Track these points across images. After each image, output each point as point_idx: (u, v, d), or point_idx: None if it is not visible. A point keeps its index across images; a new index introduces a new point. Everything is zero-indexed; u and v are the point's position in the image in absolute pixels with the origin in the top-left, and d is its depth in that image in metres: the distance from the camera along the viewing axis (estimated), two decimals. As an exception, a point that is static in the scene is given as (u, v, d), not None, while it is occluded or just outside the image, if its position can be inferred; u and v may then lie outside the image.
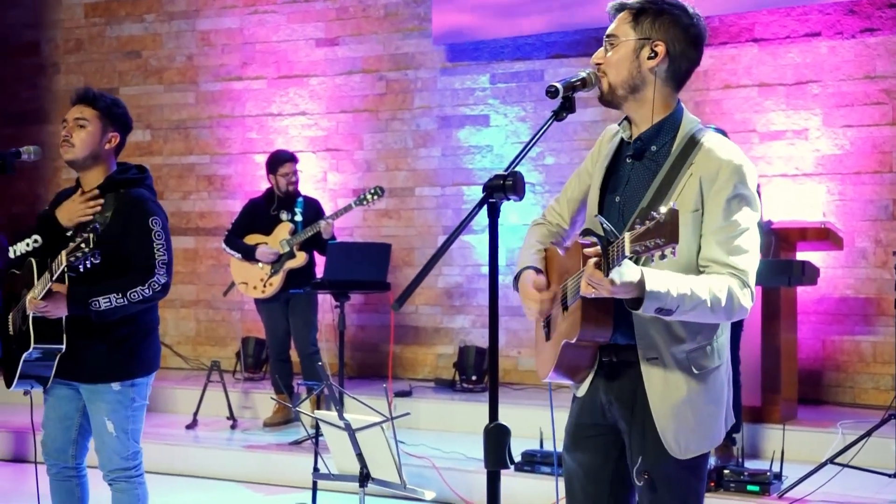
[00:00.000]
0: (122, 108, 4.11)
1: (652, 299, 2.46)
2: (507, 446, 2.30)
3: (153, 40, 9.51)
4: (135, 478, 4.08)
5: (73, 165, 4.01)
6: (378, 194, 6.85)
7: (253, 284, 7.10)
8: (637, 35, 2.71)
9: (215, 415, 7.46)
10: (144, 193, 4.09)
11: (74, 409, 4.08)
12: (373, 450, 3.26)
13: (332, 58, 8.90)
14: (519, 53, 8.31)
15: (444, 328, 8.52)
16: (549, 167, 8.19)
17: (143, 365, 4.05)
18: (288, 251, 7.00)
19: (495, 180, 2.45)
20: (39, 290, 3.76)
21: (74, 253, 3.59)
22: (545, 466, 5.76)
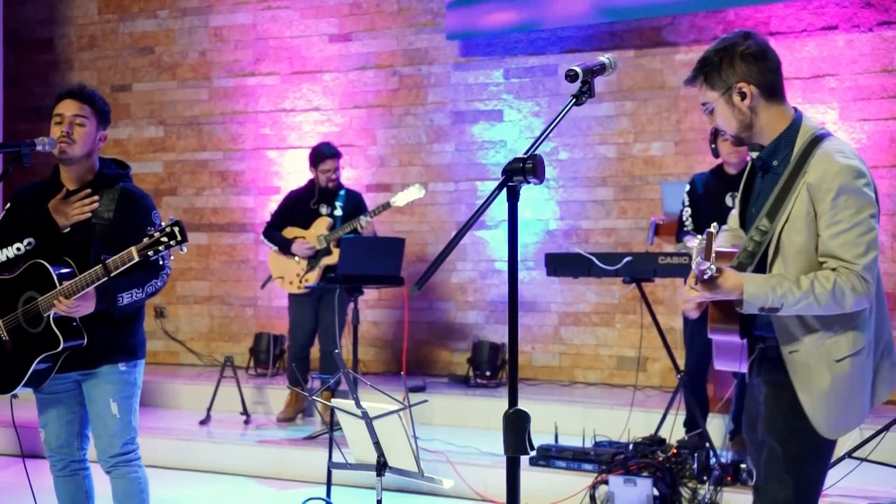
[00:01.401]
0: (108, 106, 4.16)
1: (750, 301, 2.85)
2: (527, 432, 2.27)
3: (166, 36, 9.50)
4: (134, 462, 4.09)
5: (70, 162, 3.99)
6: (417, 193, 6.86)
7: (289, 279, 7.06)
8: (719, 91, 3.01)
9: (228, 410, 7.46)
10: (138, 188, 4.17)
11: (75, 402, 4.10)
12: (390, 438, 3.24)
13: (345, 53, 8.88)
14: (532, 48, 8.27)
15: (457, 324, 8.49)
16: (563, 162, 8.15)
17: (142, 347, 4.14)
18: (325, 247, 6.96)
19: (515, 163, 2.43)
20: (77, 287, 3.73)
21: (154, 247, 3.62)
22: (560, 461, 5.73)
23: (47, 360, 3.84)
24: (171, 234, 3.65)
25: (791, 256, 2.91)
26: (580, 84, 2.70)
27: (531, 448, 2.30)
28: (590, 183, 8.10)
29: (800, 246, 2.88)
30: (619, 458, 5.48)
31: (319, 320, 7.08)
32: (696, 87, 3.08)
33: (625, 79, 7.95)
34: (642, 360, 7.80)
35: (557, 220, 8.17)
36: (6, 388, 3.92)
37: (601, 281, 7.92)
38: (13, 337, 3.92)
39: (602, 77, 2.82)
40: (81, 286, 3.73)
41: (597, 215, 8.06)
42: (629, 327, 7.90)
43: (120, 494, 4.04)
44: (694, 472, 5.35)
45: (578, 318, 8.12)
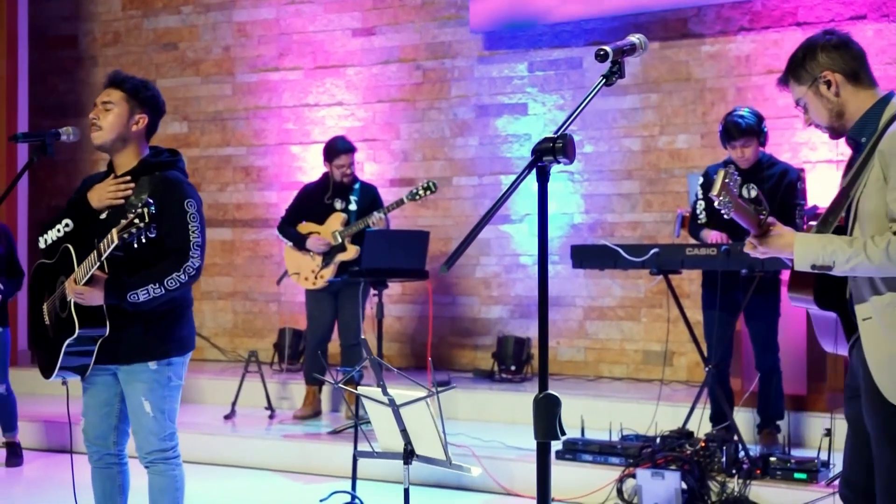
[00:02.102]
0: (152, 90, 4.06)
1: (801, 257, 2.96)
2: (558, 417, 2.23)
3: (190, 32, 9.51)
4: (172, 459, 4.04)
5: (103, 149, 3.97)
6: (431, 189, 6.68)
7: (304, 275, 7.02)
8: (807, 84, 3.13)
9: (253, 405, 7.44)
10: (179, 176, 4.05)
11: (113, 395, 4.05)
12: (417, 426, 3.20)
13: (368, 47, 8.85)
14: (557, 41, 8.22)
15: (481, 319, 8.45)
16: (589, 155, 8.09)
17: (179, 344, 4.03)
18: (339, 243, 6.92)
19: (545, 143, 2.37)
20: (83, 273, 3.71)
21: (128, 229, 3.52)
22: (587, 454, 5.68)
23: (81, 349, 3.82)
24: (141, 215, 3.54)
25: (865, 222, 2.99)
26: (610, 64, 2.64)
27: (562, 433, 2.26)
28: (615, 176, 8.04)
29: (871, 212, 2.97)
30: (646, 452, 5.42)
31: (339, 315, 7.04)
32: (788, 89, 3.23)
33: (650, 71, 7.89)
34: (668, 355, 7.73)
35: (582, 213, 8.12)
36: (47, 373, 3.94)
37: (626, 275, 7.87)
38: (52, 322, 3.95)
39: (632, 58, 2.77)
40: (85, 271, 3.72)
41: (622, 209, 8.00)
42: (655, 321, 7.84)
43: (154, 490, 4.02)
44: (722, 466, 5.29)
45: (604, 312, 8.07)
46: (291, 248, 7.05)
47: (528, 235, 8.25)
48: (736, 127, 5.61)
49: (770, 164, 5.77)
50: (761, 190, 5.67)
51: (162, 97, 4.10)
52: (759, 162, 5.72)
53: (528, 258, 8.28)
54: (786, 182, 5.69)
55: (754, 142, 5.64)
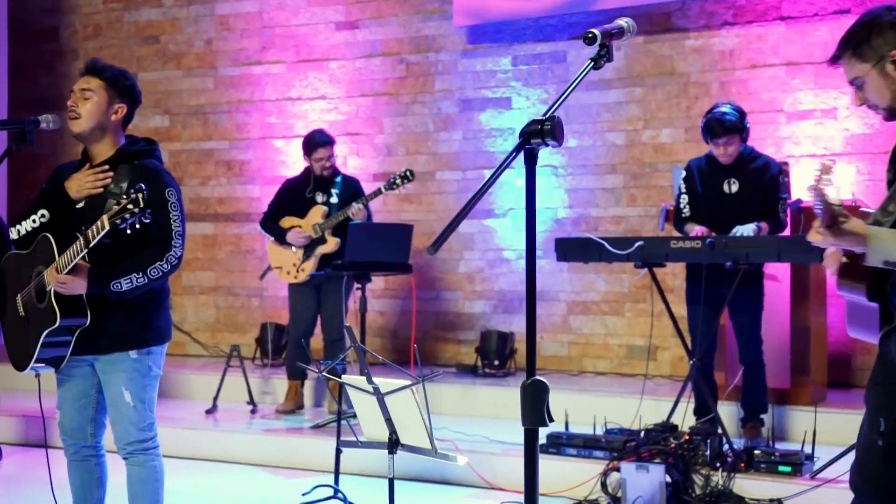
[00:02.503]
0: (130, 79, 4.03)
1: (874, 251, 2.82)
2: (546, 403, 2.20)
3: (171, 25, 9.44)
4: (151, 450, 4.00)
5: (81, 138, 3.94)
6: (408, 178, 6.65)
7: (286, 269, 6.97)
8: (871, 63, 2.96)
9: (234, 400, 7.39)
10: (158, 165, 4.01)
11: (90, 386, 4.00)
12: (402, 415, 3.17)
13: (351, 41, 8.81)
14: (541, 35, 8.20)
15: (465, 313, 8.42)
16: (573, 149, 8.07)
17: (158, 333, 3.99)
18: (319, 236, 6.87)
19: (533, 125, 2.34)
20: (66, 261, 3.65)
21: (121, 215, 3.48)
22: (571, 448, 5.67)
23: (58, 340, 3.76)
24: (135, 200, 3.50)
25: None
26: (598, 47, 2.61)
27: (550, 419, 2.23)
28: (599, 170, 8.03)
29: None
30: (630, 445, 5.41)
31: (322, 309, 7.00)
32: (839, 65, 3.06)
33: (634, 65, 7.87)
34: (652, 349, 7.72)
35: (566, 208, 8.10)
36: (22, 365, 3.86)
37: (611, 269, 7.86)
38: (28, 312, 3.87)
39: (621, 41, 2.75)
40: (69, 260, 3.66)
41: (606, 203, 7.98)
42: (638, 316, 7.83)
43: (134, 482, 3.97)
44: (706, 459, 5.28)
45: (587, 307, 8.05)
46: (273, 242, 7.01)
47: (512, 230, 8.23)
48: (719, 124, 5.61)
49: (752, 157, 5.76)
50: (744, 184, 5.68)
51: (139, 87, 4.07)
52: (742, 156, 5.72)
53: (512, 252, 8.25)
54: (768, 176, 5.69)
55: (737, 139, 5.64)
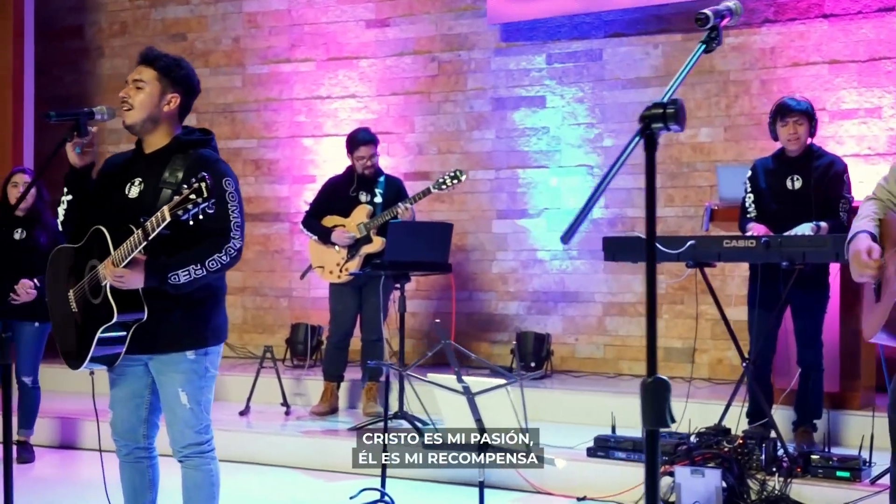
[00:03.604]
0: (186, 68, 3.89)
1: None
2: (668, 402, 2.08)
3: (199, 23, 9.35)
4: (207, 453, 3.87)
5: (133, 129, 3.78)
6: (458, 178, 6.54)
7: (329, 269, 6.85)
8: None
9: (267, 402, 7.28)
10: (214, 154, 3.88)
11: (143, 386, 3.88)
12: (494, 415, 3.05)
13: (382, 39, 8.70)
14: (576, 33, 8.09)
15: (498, 314, 8.31)
16: (609, 149, 7.96)
17: (216, 333, 3.86)
18: (365, 235, 6.75)
19: (654, 108, 2.20)
20: (123, 254, 3.51)
21: (183, 205, 3.34)
22: (619, 452, 5.55)
23: (113, 336, 3.63)
24: (199, 190, 3.36)
25: None
26: (709, 30, 2.49)
27: (672, 420, 2.11)
28: (636, 170, 7.84)
29: None
30: (682, 449, 5.29)
31: (363, 309, 6.89)
32: None
33: (672, 63, 7.75)
34: (689, 352, 7.60)
35: (602, 208, 7.98)
36: (76, 363, 3.71)
37: (647, 270, 7.72)
38: (81, 308, 3.73)
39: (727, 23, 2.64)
40: (126, 252, 3.51)
41: (643, 203, 7.82)
42: (676, 318, 7.71)
43: (190, 486, 3.84)
44: (761, 464, 5.15)
45: (624, 308, 7.93)
46: (316, 241, 6.89)
47: (546, 230, 8.11)
48: (792, 101, 5.56)
49: (818, 154, 5.67)
50: (807, 181, 5.56)
51: (196, 76, 3.94)
52: (808, 151, 5.62)
53: (546, 253, 8.13)
54: (832, 173, 5.58)
55: (806, 123, 5.55)
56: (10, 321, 6.19)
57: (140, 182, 3.76)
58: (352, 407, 7.32)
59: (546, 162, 8.14)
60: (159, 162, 3.77)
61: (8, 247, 6.20)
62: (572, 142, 8.07)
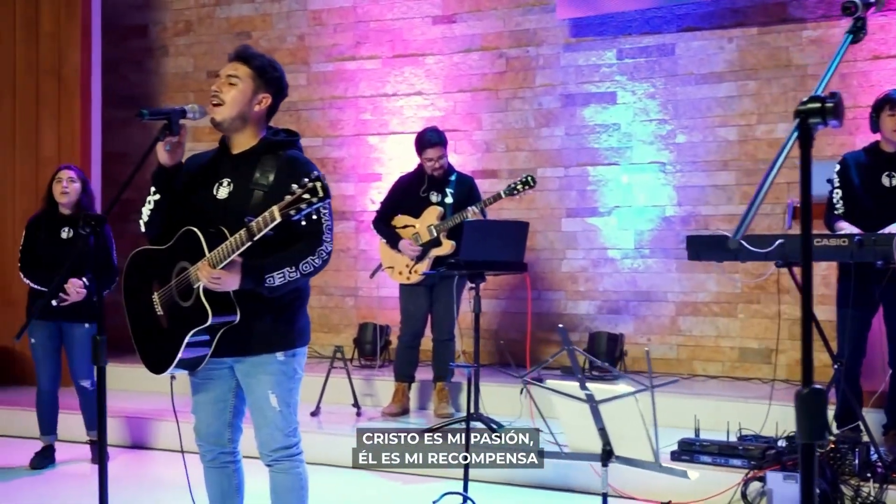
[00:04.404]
0: (279, 71, 3.81)
1: None
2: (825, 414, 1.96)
3: (263, 21, 9.30)
4: (296, 456, 3.80)
5: (221, 126, 3.70)
6: (530, 184, 6.44)
7: (398, 270, 6.77)
8: None
9: (336, 402, 7.22)
10: (303, 155, 3.81)
11: (227, 390, 3.81)
12: (619, 424, 2.94)
13: (449, 35, 8.61)
14: (648, 27, 7.94)
15: (567, 314, 8.18)
16: (681, 146, 7.80)
17: (303, 334, 3.80)
18: (434, 238, 6.66)
19: (811, 103, 2.07)
20: (221, 256, 3.43)
21: (295, 205, 3.25)
22: (705, 456, 5.40)
23: (201, 340, 3.56)
24: (313, 189, 3.25)
25: None
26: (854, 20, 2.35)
27: (829, 433, 2.00)
28: (709, 167, 7.75)
29: None
30: (770, 453, 5.14)
31: (434, 309, 6.81)
32: None
33: (747, 57, 7.59)
34: (767, 353, 7.45)
35: (675, 206, 7.83)
36: (161, 367, 3.63)
37: (722, 269, 7.58)
38: (168, 311, 3.65)
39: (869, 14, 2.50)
40: (226, 254, 3.43)
41: (717, 201, 7.70)
42: (752, 317, 7.54)
43: (280, 490, 3.76)
44: (854, 469, 4.99)
45: (697, 308, 7.77)
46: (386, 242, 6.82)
47: (617, 228, 7.98)
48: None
49: None
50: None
51: (286, 80, 3.86)
52: None
53: (617, 252, 8.00)
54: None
55: None
56: (60, 323, 6.18)
57: (229, 183, 3.69)
58: (422, 408, 7.24)
59: (617, 159, 8.00)
60: (248, 163, 3.69)
61: (56, 246, 6.16)
62: (644, 138, 7.92)
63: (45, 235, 6.19)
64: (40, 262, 6.13)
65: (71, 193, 6.17)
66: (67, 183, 6.19)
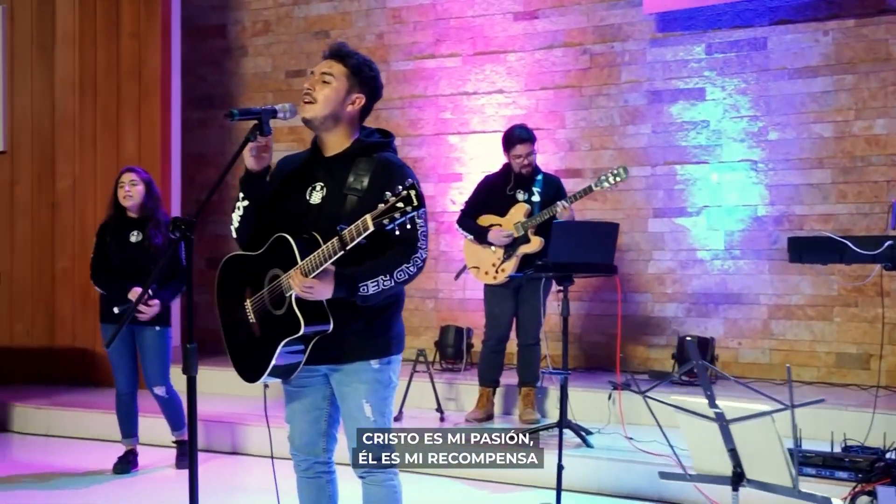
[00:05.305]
0: (375, 71, 3.65)
1: None
2: None
3: (342, 19, 9.20)
4: (391, 468, 3.65)
5: (312, 125, 3.56)
6: (622, 176, 6.23)
7: (485, 269, 6.61)
8: None
9: (418, 407, 7.09)
10: (398, 158, 3.66)
11: (322, 398, 3.67)
12: (751, 445, 2.74)
13: (531, 32, 8.42)
14: (738, 20, 7.68)
15: (654, 317, 7.95)
16: (773, 143, 7.53)
17: (398, 341, 3.63)
18: (522, 235, 6.50)
19: None
20: (313, 265, 3.30)
21: (389, 214, 3.11)
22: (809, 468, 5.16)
23: (294, 348, 3.43)
24: (407, 198, 3.11)
25: None
26: None
27: None
28: (803, 165, 7.47)
29: None
30: (879, 466, 4.89)
31: (519, 312, 6.63)
32: None
33: (844, 50, 7.30)
34: (864, 358, 7.16)
35: (767, 205, 7.56)
36: (253, 376, 3.50)
37: (817, 271, 7.30)
38: (260, 320, 3.52)
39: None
40: (318, 262, 3.29)
41: (812, 200, 7.41)
42: (850, 321, 7.25)
43: (374, 502, 3.63)
44: (972, 484, 4.73)
45: (791, 311, 7.49)
46: (472, 241, 6.65)
47: (706, 229, 7.73)
48: None
49: None
50: None
51: (381, 81, 3.71)
52: None
53: (706, 253, 7.75)
54: None
55: None
56: (131, 327, 6.09)
57: (322, 187, 3.55)
58: (506, 413, 7.07)
59: (706, 157, 7.75)
60: (342, 166, 3.55)
61: (125, 250, 6.08)
62: (734, 136, 7.67)
63: (114, 240, 6.11)
64: (110, 267, 6.08)
65: (134, 196, 6.08)
66: (129, 186, 6.10)
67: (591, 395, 6.81)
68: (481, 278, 6.65)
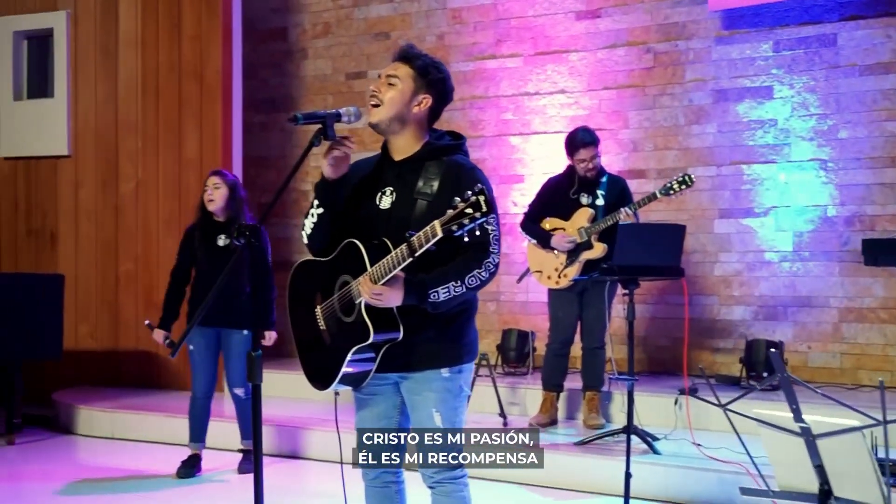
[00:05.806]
0: (444, 72, 3.56)
1: None
2: None
3: (402, 20, 9.16)
4: (461, 478, 3.56)
5: (378, 128, 3.49)
6: (687, 184, 6.08)
7: (547, 274, 6.53)
8: None
9: (480, 411, 7.01)
10: (469, 161, 3.58)
11: (392, 406, 3.60)
12: (840, 461, 2.64)
13: (593, 31, 8.31)
14: (806, 16, 7.51)
15: (721, 320, 7.80)
16: (844, 142, 7.36)
17: (470, 349, 3.55)
18: (585, 240, 6.40)
19: None
20: (382, 271, 3.24)
21: (458, 220, 3.04)
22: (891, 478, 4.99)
23: (364, 356, 3.37)
24: (476, 204, 3.02)
25: None
26: None
27: None
28: (875, 164, 7.28)
29: None
30: (961, 476, 4.72)
31: (583, 315, 6.53)
32: None
33: (918, 46, 7.11)
34: (940, 362, 6.97)
35: (837, 205, 7.38)
36: (323, 384, 3.45)
37: (890, 273, 7.12)
38: (330, 326, 3.47)
39: None
40: (388, 269, 3.23)
41: (885, 200, 7.23)
42: (923, 325, 7.07)
43: (442, 512, 3.56)
44: None
45: (863, 314, 7.31)
46: (535, 245, 6.56)
47: (774, 230, 7.57)
48: None
49: None
50: None
51: (452, 83, 3.63)
52: None
53: (775, 255, 7.59)
54: None
55: None
56: (219, 330, 6.09)
57: (392, 192, 3.49)
58: (570, 418, 6.98)
59: (774, 157, 7.59)
60: (411, 170, 3.48)
61: (213, 255, 6.07)
62: (803, 134, 7.50)
63: (201, 245, 6.11)
64: (198, 271, 6.10)
65: (217, 200, 6.07)
66: (212, 190, 6.10)
67: (657, 400, 6.69)
68: (544, 282, 6.56)
